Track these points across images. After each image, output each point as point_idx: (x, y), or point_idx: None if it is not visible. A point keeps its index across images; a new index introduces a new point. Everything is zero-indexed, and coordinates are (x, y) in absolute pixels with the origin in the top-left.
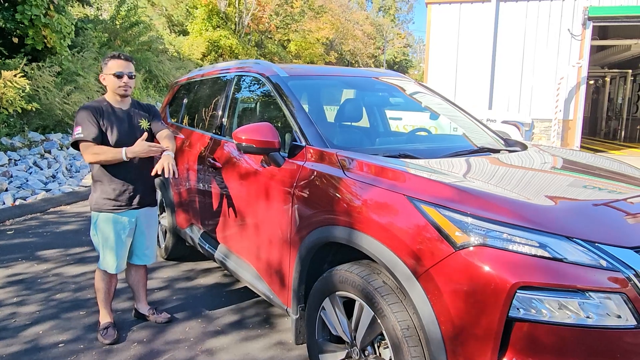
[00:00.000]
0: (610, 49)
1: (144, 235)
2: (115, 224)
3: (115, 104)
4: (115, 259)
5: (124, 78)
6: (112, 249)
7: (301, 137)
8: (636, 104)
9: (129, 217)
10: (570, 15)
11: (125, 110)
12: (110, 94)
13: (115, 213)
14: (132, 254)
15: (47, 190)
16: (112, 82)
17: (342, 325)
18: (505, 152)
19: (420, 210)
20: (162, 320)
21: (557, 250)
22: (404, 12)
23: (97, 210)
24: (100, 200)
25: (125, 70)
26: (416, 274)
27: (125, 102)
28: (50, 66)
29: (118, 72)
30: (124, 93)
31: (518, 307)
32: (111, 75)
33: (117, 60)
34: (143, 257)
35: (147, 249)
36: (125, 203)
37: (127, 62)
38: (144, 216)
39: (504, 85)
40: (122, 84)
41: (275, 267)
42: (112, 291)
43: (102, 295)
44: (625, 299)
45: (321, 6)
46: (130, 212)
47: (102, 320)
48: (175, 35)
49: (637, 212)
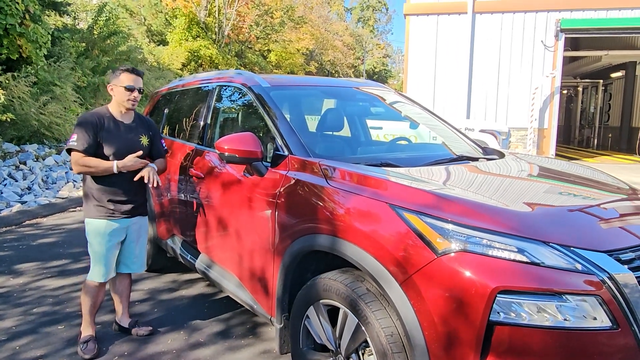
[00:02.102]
0: (582, 59)
1: (134, 244)
2: (106, 231)
3: (118, 116)
4: (104, 266)
5: (135, 93)
6: (102, 256)
7: (284, 146)
8: (607, 113)
9: (121, 225)
10: (544, 27)
11: (127, 124)
12: (115, 105)
13: (107, 220)
14: (120, 263)
15: (22, 202)
16: (121, 94)
17: (327, 334)
18: (483, 160)
19: (402, 217)
20: (144, 333)
21: (534, 254)
22: (382, 23)
23: (90, 217)
24: (93, 207)
25: (137, 85)
26: (399, 281)
27: (128, 115)
28: (26, 76)
29: (129, 86)
30: (131, 107)
31: (498, 311)
32: (122, 87)
33: (130, 74)
34: (132, 266)
35: (136, 257)
36: (118, 211)
37: (139, 77)
38: (135, 225)
39: (481, 94)
40: (132, 97)
41: (259, 276)
42: (98, 303)
43: (88, 307)
44: (600, 301)
45: (301, 17)
46: (122, 220)
47: (83, 332)
48: (155, 45)
49: (610, 217)
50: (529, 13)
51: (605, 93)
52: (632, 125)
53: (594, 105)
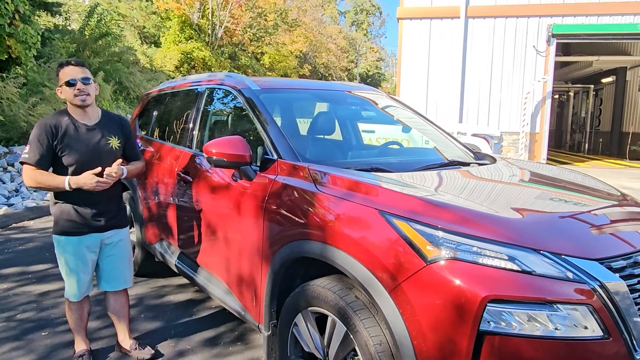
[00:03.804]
0: (574, 65)
1: (112, 259)
2: (76, 248)
3: (79, 118)
4: (76, 285)
5: (78, 84)
6: (73, 274)
7: (273, 150)
8: (598, 118)
9: (93, 241)
10: (535, 32)
11: (90, 126)
12: (71, 107)
13: (77, 236)
14: (101, 280)
15: (9, 205)
16: (66, 92)
17: (315, 342)
18: (475, 165)
19: (391, 224)
20: (144, 356)
21: (525, 263)
22: (376, 26)
23: (58, 232)
24: (61, 221)
25: (78, 76)
26: (388, 289)
27: (90, 115)
28: (15, 77)
29: (71, 80)
30: (81, 103)
31: (489, 320)
32: (63, 85)
33: (65, 67)
34: (113, 283)
35: (118, 273)
36: (88, 226)
37: (80, 67)
38: (110, 239)
39: (474, 99)
40: (77, 91)
41: (247, 282)
42: (85, 317)
43: (74, 323)
44: (591, 310)
45: (295, 20)
46: (93, 235)
47: (77, 348)
48: (147, 46)
49: (601, 224)
50: (521, 18)
51: (596, 98)
52: (622, 130)
53: (585, 110)
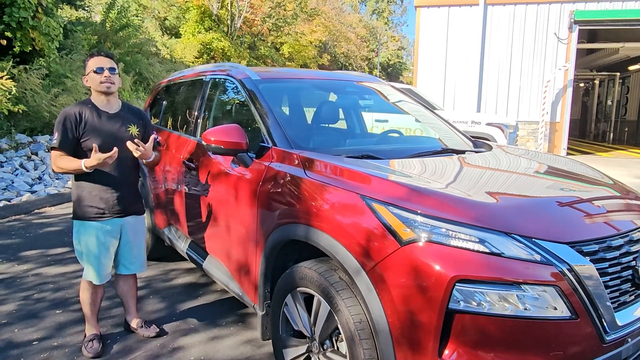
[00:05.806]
0: (599, 52)
1: (130, 245)
2: (98, 233)
3: (101, 106)
4: (98, 269)
5: (105, 72)
6: (95, 259)
7: (268, 138)
8: (624, 107)
9: (113, 226)
10: (557, 19)
11: (112, 114)
12: (95, 95)
13: (98, 221)
14: (119, 264)
15: (32, 192)
16: (93, 79)
17: (303, 320)
18: (470, 152)
19: (371, 208)
20: (150, 334)
21: (495, 245)
22: (397, 15)
23: (79, 218)
24: (82, 207)
25: (106, 65)
26: (366, 269)
27: (112, 104)
28: (38, 68)
29: (98, 68)
30: (106, 90)
31: (459, 299)
32: (91, 72)
33: (96, 57)
34: (130, 267)
35: (134, 258)
36: (109, 211)
37: (108, 58)
38: (130, 225)
39: (492, 87)
40: (104, 78)
41: (244, 265)
42: (98, 302)
43: (87, 307)
44: (559, 291)
45: (314, 9)
46: (114, 220)
47: (87, 332)
48: (167, 38)
49: (580, 209)
50: (542, 5)
51: (623, 86)
52: None
53: (611, 99)
